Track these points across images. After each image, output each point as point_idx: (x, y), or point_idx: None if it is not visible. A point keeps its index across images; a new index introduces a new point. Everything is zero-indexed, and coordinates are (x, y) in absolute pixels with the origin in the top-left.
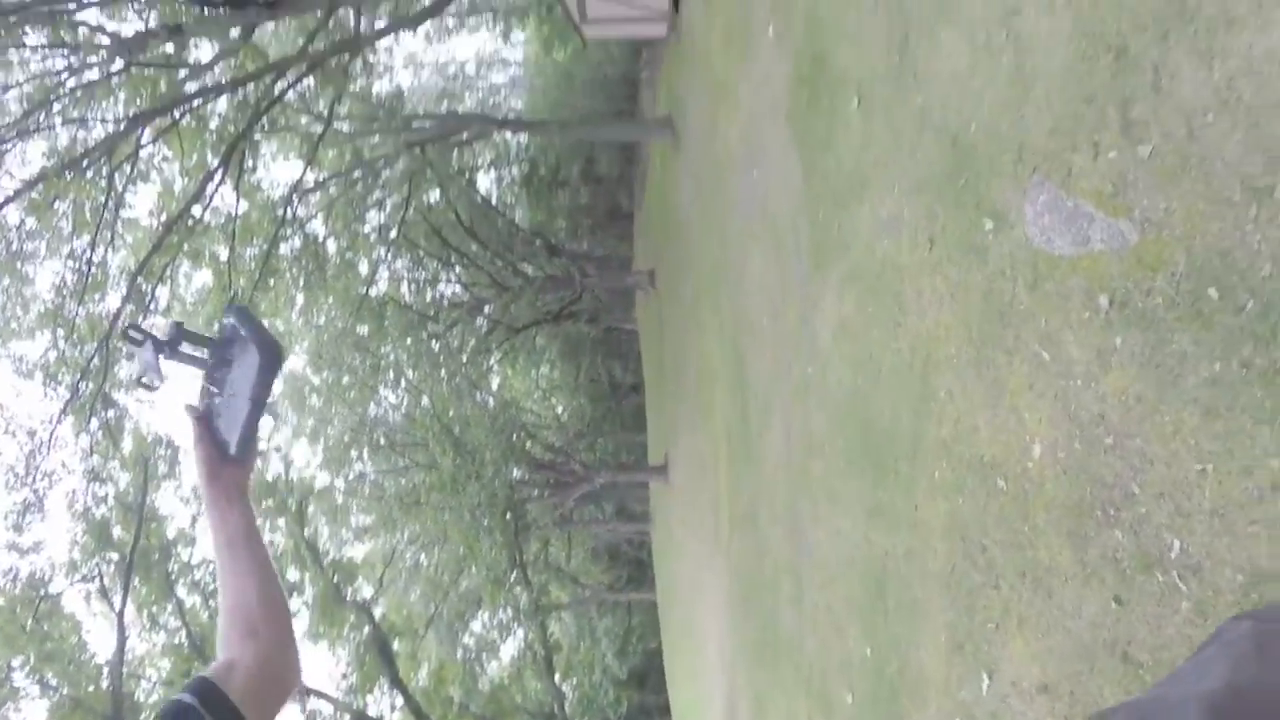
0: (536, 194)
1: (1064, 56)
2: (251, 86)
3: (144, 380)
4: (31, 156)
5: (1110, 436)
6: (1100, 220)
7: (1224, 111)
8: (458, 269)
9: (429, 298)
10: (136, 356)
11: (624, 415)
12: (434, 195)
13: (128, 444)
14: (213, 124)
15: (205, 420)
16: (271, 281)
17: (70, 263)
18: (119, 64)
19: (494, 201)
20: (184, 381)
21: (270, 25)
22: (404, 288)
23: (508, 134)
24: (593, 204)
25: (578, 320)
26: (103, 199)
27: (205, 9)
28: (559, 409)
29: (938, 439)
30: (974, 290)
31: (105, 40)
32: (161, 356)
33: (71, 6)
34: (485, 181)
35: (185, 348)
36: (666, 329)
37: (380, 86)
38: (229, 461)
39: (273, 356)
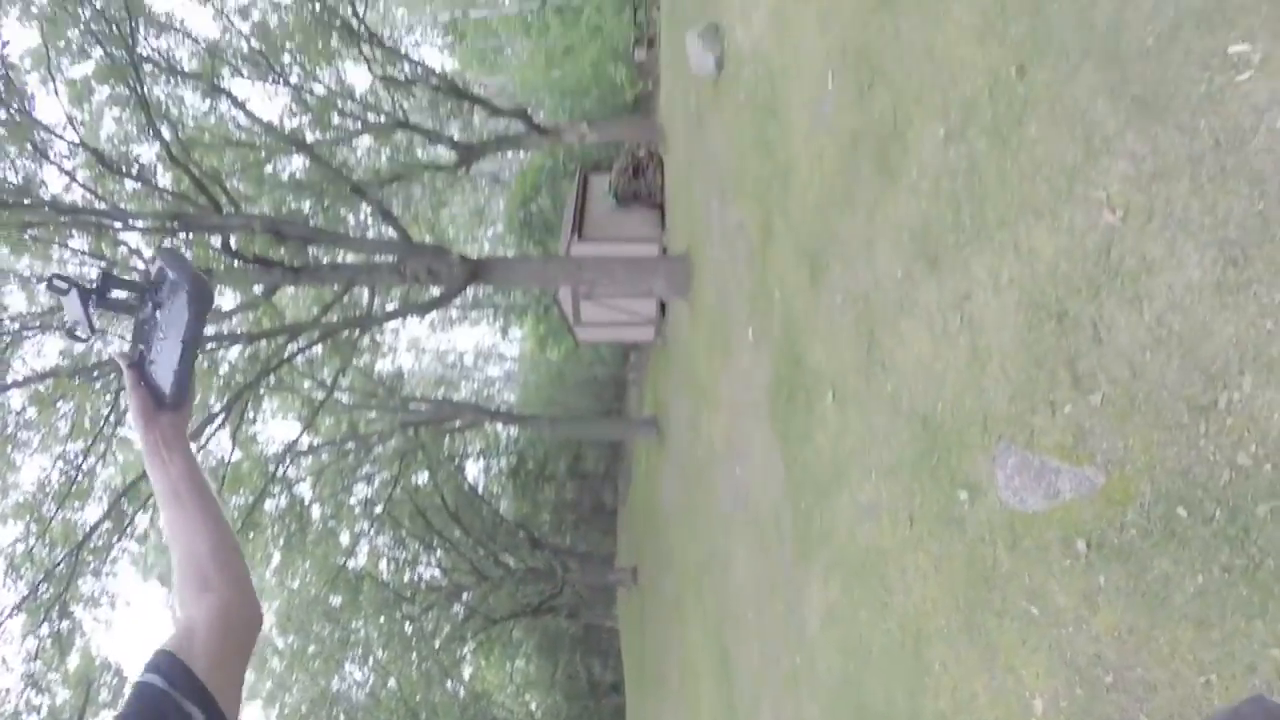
0: (523, 486)
1: (1013, 329)
2: (264, 343)
3: (73, 330)
4: (48, 350)
5: (1110, 674)
6: (1066, 471)
7: (1159, 347)
8: (439, 553)
9: (407, 578)
10: (65, 306)
11: (602, 715)
12: (422, 477)
13: (74, 660)
14: (222, 369)
15: (138, 367)
16: (251, 535)
17: (60, 464)
18: None
19: (480, 490)
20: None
21: (291, 289)
22: (383, 564)
23: (499, 425)
24: (578, 499)
25: (557, 615)
26: (105, 412)
27: (236, 261)
28: (533, 706)
29: (936, 713)
30: (957, 560)
31: (140, 264)
32: (90, 305)
33: (118, 225)
34: (474, 469)
35: (115, 295)
36: (648, 625)
37: (383, 365)
38: (165, 408)
39: (202, 294)
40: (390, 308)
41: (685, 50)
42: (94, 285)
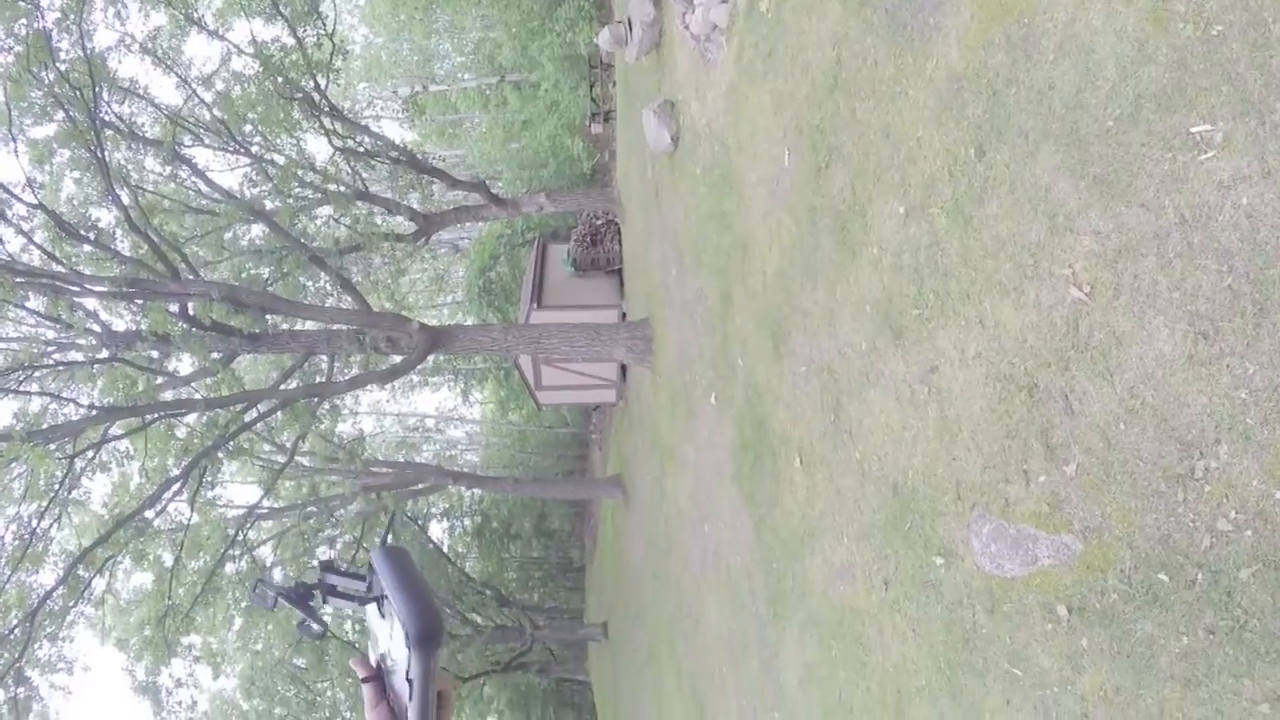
0: (488, 546)
1: (983, 400)
2: (222, 409)
3: (307, 630)
4: (1, 413)
5: None
6: (1044, 539)
7: (1133, 418)
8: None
9: None
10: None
11: None
12: (387, 539)
13: None
14: (180, 433)
15: (379, 682)
16: (212, 598)
17: (13, 527)
18: (104, 354)
19: (446, 550)
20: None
21: (250, 356)
22: (347, 625)
23: (462, 487)
24: (544, 557)
25: (528, 671)
26: (60, 475)
27: (193, 328)
28: None
29: None
30: (935, 623)
31: (97, 328)
32: (309, 606)
33: (75, 289)
34: (438, 530)
35: (335, 590)
36: (622, 679)
37: (344, 429)
38: None
39: (426, 636)
40: (350, 375)
41: (642, 125)
42: (304, 587)
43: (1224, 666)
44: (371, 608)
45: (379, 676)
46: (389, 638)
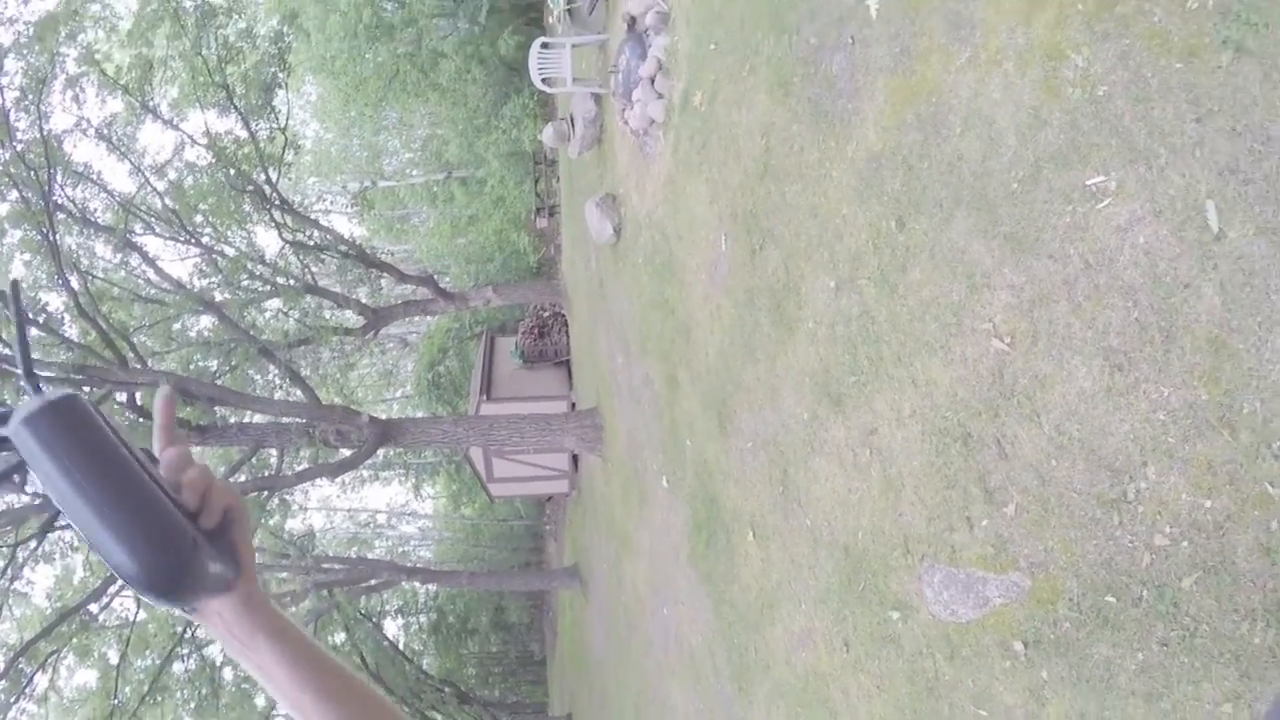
0: (445, 642)
1: (921, 455)
2: None
3: None
4: None
5: None
6: (993, 580)
7: (1062, 453)
8: None
9: None
10: None
11: None
12: (339, 637)
13: None
14: None
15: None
16: (160, 698)
17: None
18: None
19: (401, 647)
20: None
21: (197, 448)
22: None
23: (417, 582)
24: (503, 651)
25: None
26: (1, 565)
27: (141, 418)
28: None
29: None
30: (898, 676)
31: None
32: None
33: (19, 372)
34: (393, 627)
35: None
36: None
37: (294, 524)
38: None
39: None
40: (300, 469)
41: (585, 218)
42: None
43: (1181, 675)
44: None
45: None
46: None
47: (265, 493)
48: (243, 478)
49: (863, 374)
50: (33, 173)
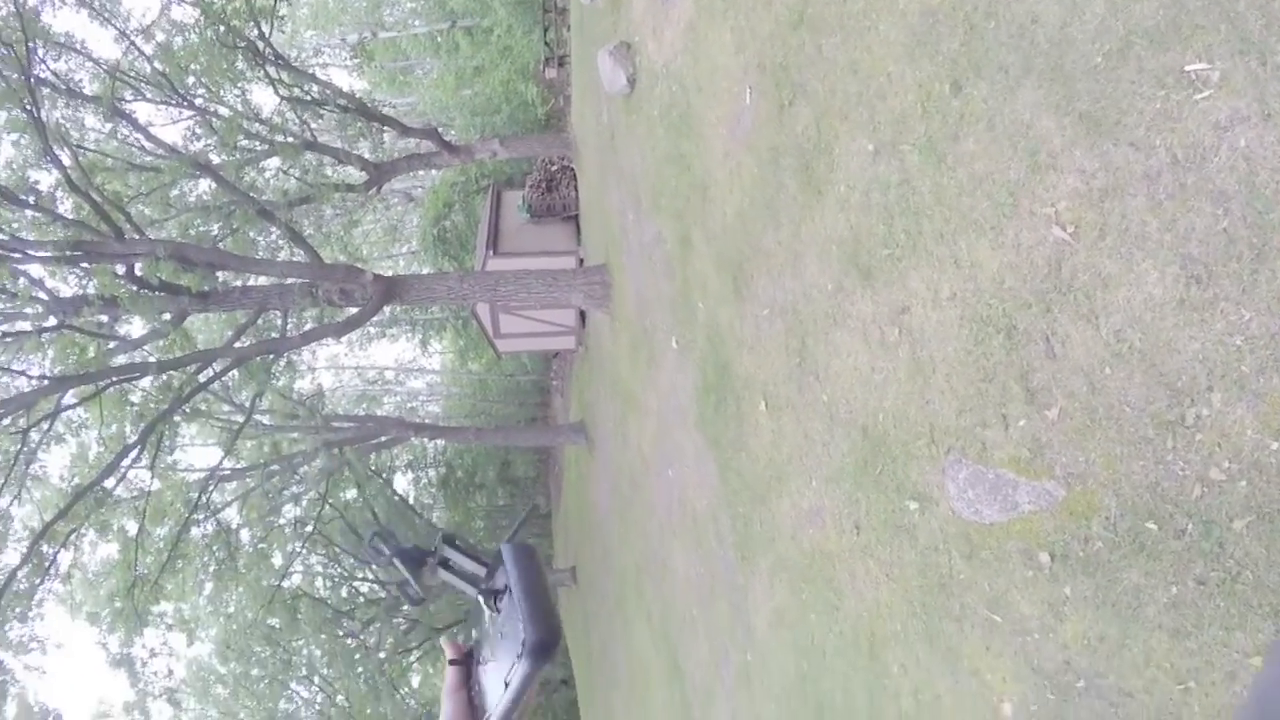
0: (454, 495)
1: (957, 342)
2: (177, 370)
3: (405, 591)
4: None
5: (1081, 680)
6: (1024, 485)
7: (1119, 362)
8: (374, 566)
9: (345, 593)
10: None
11: (555, 710)
12: (351, 493)
13: (10, 710)
14: (135, 398)
15: (465, 666)
16: (180, 565)
17: None
18: (52, 321)
19: (411, 501)
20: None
21: (201, 315)
22: (319, 582)
23: (425, 439)
24: (510, 505)
25: None
26: (15, 450)
27: (141, 289)
28: None
29: (899, 713)
30: (909, 568)
31: (43, 296)
32: (420, 572)
33: (17, 256)
34: (403, 482)
35: (450, 566)
36: (593, 623)
37: (302, 385)
38: None
39: (539, 649)
40: (305, 329)
41: (597, 68)
42: (420, 552)
43: (1214, 618)
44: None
45: (467, 662)
46: (494, 632)
47: (271, 355)
48: (248, 341)
49: (898, 247)
50: (10, 49)
